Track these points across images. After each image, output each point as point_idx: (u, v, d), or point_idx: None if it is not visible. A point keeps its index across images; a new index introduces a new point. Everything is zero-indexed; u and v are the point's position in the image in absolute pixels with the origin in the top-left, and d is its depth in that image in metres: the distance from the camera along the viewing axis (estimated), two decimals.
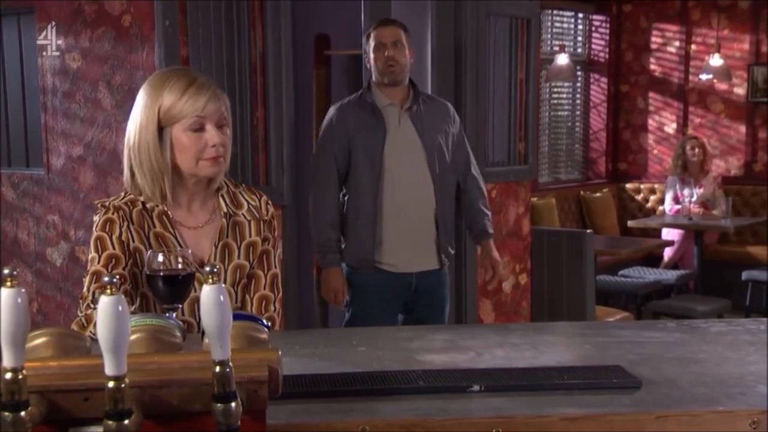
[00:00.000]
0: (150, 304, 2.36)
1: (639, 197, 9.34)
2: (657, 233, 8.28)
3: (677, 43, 9.18)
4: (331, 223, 4.10)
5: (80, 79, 4.31)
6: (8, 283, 1.36)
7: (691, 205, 7.91)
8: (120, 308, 1.37)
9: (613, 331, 2.30)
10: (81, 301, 2.32)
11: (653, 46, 9.31)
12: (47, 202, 4.55)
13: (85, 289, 2.33)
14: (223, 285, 1.47)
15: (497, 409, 1.69)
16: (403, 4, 5.19)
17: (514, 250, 5.72)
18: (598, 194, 8.99)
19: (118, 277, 1.40)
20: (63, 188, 4.46)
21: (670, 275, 7.66)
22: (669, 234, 8.11)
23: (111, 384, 1.39)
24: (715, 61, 8.53)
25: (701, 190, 8.11)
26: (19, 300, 1.36)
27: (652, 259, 8.31)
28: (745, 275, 7.64)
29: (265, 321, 1.75)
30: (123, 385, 1.39)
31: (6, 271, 1.36)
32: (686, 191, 8.12)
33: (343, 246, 4.16)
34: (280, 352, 1.56)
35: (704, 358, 2.01)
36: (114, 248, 2.34)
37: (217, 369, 1.45)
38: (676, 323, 2.37)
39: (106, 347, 1.37)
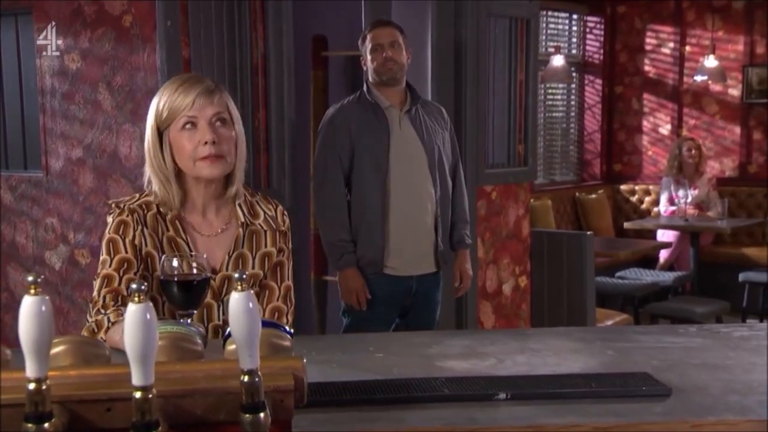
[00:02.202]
0: (159, 307, 2.31)
1: (634, 199, 9.32)
2: (652, 235, 8.26)
3: (672, 45, 9.16)
4: (341, 224, 4.05)
5: (79, 80, 4.26)
6: (32, 291, 1.32)
7: (686, 207, 7.90)
8: (148, 316, 1.33)
9: (633, 336, 2.27)
10: (91, 306, 2.27)
11: (648, 48, 9.29)
12: (46, 205, 4.49)
13: (95, 292, 2.28)
14: (252, 292, 1.43)
15: (526, 418, 1.66)
16: (403, 5, 5.16)
17: (514, 252, 5.69)
18: (593, 196, 8.97)
19: (145, 284, 1.35)
20: (62, 191, 4.41)
21: (667, 277, 7.65)
22: (664, 235, 8.10)
23: (138, 394, 1.35)
24: (710, 62, 8.53)
25: (696, 192, 8.10)
26: (44, 308, 1.33)
27: (648, 261, 8.29)
28: (742, 277, 7.63)
29: (287, 328, 1.72)
30: (150, 396, 1.35)
31: (30, 278, 1.32)
32: (681, 192, 8.11)
33: None
34: (305, 360, 1.53)
35: (731, 364, 1.97)
36: (126, 252, 2.29)
37: (246, 378, 1.41)
38: (696, 328, 2.34)
39: (133, 357, 1.33)
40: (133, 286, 1.33)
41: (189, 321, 2.04)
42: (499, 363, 2.03)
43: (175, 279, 2.04)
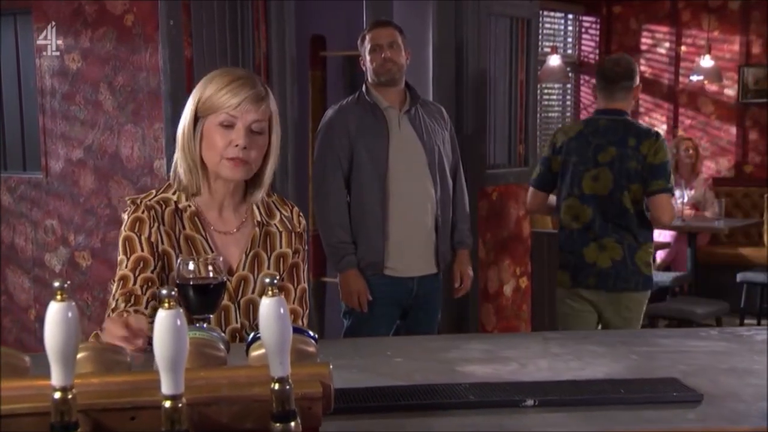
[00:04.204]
0: None
1: None
2: None
3: (667, 45, 9.14)
4: (342, 226, 4.02)
5: (80, 80, 4.22)
6: (59, 297, 1.28)
7: (683, 207, 7.87)
8: (179, 323, 1.29)
9: (655, 340, 2.24)
10: (108, 310, 2.23)
11: (643, 48, 9.27)
12: (45, 207, 4.45)
13: (111, 295, 2.24)
14: (282, 297, 1.39)
15: (556, 425, 1.62)
16: (403, 5, 5.13)
17: (514, 252, 5.66)
18: None
19: (175, 290, 1.31)
20: (62, 192, 4.37)
21: (666, 277, 7.61)
22: (661, 236, 8.06)
23: (168, 404, 1.31)
24: (706, 62, 8.51)
25: (692, 192, 8.08)
26: (70, 314, 1.29)
27: None
28: (740, 277, 7.60)
29: (311, 333, 1.68)
30: (180, 405, 1.32)
31: (57, 284, 1.29)
32: (677, 193, 8.07)
33: None
34: (331, 367, 1.50)
35: (759, 369, 1.94)
36: (143, 250, 2.25)
37: (277, 386, 1.38)
38: (718, 331, 2.32)
39: (163, 365, 1.29)
40: (164, 291, 1.29)
41: (205, 325, 1.99)
42: (521, 368, 1.99)
43: (191, 283, 2.00)
